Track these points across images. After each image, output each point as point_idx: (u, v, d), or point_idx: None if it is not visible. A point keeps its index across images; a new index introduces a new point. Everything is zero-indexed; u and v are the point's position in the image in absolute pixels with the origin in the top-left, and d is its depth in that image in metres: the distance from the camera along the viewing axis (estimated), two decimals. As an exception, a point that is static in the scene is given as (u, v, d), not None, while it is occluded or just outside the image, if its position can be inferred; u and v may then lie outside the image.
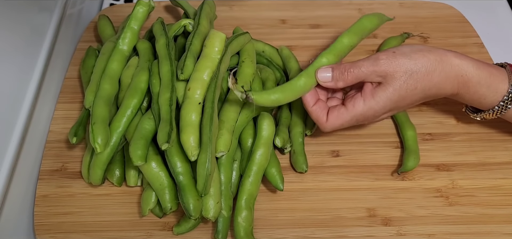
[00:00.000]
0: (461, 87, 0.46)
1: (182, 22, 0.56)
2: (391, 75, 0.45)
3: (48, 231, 0.48)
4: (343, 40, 0.49)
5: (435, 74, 0.45)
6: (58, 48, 0.60)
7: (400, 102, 0.46)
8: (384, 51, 0.47)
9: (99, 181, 0.49)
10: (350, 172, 0.53)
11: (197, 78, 0.48)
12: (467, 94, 0.47)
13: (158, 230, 0.48)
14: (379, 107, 0.46)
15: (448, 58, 0.46)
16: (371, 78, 0.46)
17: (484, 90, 0.46)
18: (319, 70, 0.47)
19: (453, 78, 0.46)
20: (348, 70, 0.46)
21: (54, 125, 0.56)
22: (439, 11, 0.70)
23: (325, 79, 0.47)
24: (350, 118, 0.47)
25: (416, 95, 0.46)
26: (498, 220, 0.49)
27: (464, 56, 0.47)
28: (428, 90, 0.46)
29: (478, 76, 0.46)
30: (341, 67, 0.47)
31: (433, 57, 0.45)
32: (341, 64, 0.47)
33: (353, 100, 0.47)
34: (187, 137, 0.44)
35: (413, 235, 0.48)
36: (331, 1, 0.72)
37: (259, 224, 0.48)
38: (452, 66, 0.46)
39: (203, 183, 0.43)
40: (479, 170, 0.53)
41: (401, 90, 0.45)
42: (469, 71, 0.46)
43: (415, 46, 0.47)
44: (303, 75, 0.47)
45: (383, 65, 0.45)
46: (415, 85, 0.45)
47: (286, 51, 0.60)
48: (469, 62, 0.46)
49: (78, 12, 0.69)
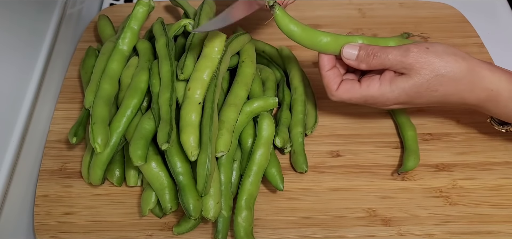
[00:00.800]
0: (489, 101, 0.45)
1: (182, 22, 0.56)
2: (416, 70, 0.44)
3: (48, 231, 0.48)
4: (389, 42, 0.48)
5: (461, 82, 0.44)
6: (58, 48, 0.60)
7: (415, 98, 0.45)
8: (416, 44, 0.45)
9: (99, 181, 0.49)
10: (350, 172, 0.53)
11: (197, 78, 0.48)
12: (495, 108, 0.46)
13: (158, 230, 0.48)
14: (393, 96, 0.45)
15: (480, 69, 0.44)
16: (396, 68, 0.45)
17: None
18: (347, 45, 0.46)
19: (480, 91, 0.44)
20: (375, 54, 0.45)
21: (54, 125, 0.56)
22: (439, 11, 0.70)
23: (350, 56, 0.46)
24: (360, 97, 0.46)
25: (435, 97, 0.45)
26: (498, 220, 0.49)
27: (500, 69, 0.45)
28: (449, 96, 0.45)
29: (510, 91, 0.44)
30: (369, 49, 0.45)
31: (465, 64, 0.44)
32: (369, 46, 0.46)
33: (369, 80, 0.46)
34: (187, 137, 0.44)
35: (413, 235, 0.48)
36: (331, 1, 0.72)
37: (259, 224, 0.48)
38: (483, 78, 0.44)
39: (203, 183, 0.43)
40: (479, 170, 0.53)
41: (421, 88, 0.44)
42: (501, 86, 0.44)
43: (450, 48, 0.45)
44: (329, 36, 0.46)
45: (411, 58, 0.44)
46: (437, 87, 0.44)
47: (286, 51, 0.60)
48: (503, 75, 0.44)
49: (78, 12, 0.69)
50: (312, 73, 0.61)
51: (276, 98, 0.52)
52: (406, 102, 0.47)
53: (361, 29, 0.67)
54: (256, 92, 0.54)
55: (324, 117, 0.57)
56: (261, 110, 0.51)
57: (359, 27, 0.68)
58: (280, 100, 0.56)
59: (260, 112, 0.51)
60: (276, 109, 0.57)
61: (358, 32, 0.67)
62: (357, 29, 0.67)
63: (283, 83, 0.58)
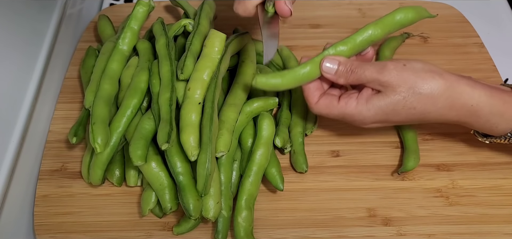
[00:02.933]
0: (469, 116, 0.44)
1: (182, 22, 0.56)
2: (393, 88, 0.43)
3: (48, 231, 0.48)
4: (367, 31, 0.46)
5: (439, 99, 0.43)
6: (58, 48, 0.60)
7: (393, 116, 0.45)
8: (394, 61, 0.44)
9: (99, 181, 0.49)
10: (350, 172, 0.53)
11: (197, 78, 0.48)
12: (477, 123, 0.45)
13: (158, 230, 0.48)
14: (370, 115, 0.45)
15: (458, 85, 0.43)
16: (373, 85, 0.45)
17: (496, 119, 0.44)
18: (327, 59, 0.45)
19: (460, 107, 0.44)
20: (353, 70, 0.45)
21: (54, 125, 0.56)
22: (439, 11, 0.70)
23: (329, 70, 0.45)
24: (338, 113, 0.46)
25: (413, 115, 0.44)
26: (498, 220, 0.49)
27: (478, 84, 0.44)
28: (428, 114, 0.44)
29: (490, 106, 0.43)
30: (348, 64, 0.45)
31: (443, 82, 0.43)
32: (348, 61, 0.45)
33: (347, 97, 0.46)
34: (187, 137, 0.44)
35: (413, 235, 0.48)
36: (331, 1, 0.72)
37: (259, 224, 0.48)
38: (461, 94, 0.43)
39: (203, 183, 0.43)
40: (479, 170, 0.53)
41: (397, 105, 0.44)
42: (481, 101, 0.43)
43: (428, 65, 0.44)
44: (308, 64, 0.46)
45: (387, 76, 0.43)
46: (414, 105, 0.43)
47: (286, 51, 0.60)
48: (482, 90, 0.44)
49: (78, 12, 0.69)
50: (312, 73, 0.61)
51: (276, 98, 0.52)
52: (384, 121, 0.46)
53: (361, 29, 0.67)
54: (256, 93, 0.54)
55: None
56: (261, 110, 0.51)
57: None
58: (280, 100, 0.56)
59: (260, 112, 0.51)
60: (276, 109, 0.57)
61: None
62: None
63: (283, 83, 0.58)
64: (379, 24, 0.46)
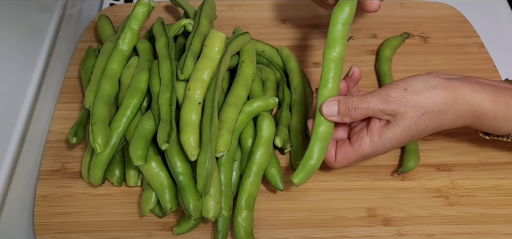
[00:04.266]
0: (475, 120, 0.45)
1: (182, 22, 0.56)
2: (401, 115, 0.43)
3: (48, 231, 0.48)
4: (330, 55, 0.43)
5: (448, 113, 0.43)
6: (58, 48, 0.60)
7: (409, 139, 0.45)
8: (394, 87, 0.44)
9: (99, 181, 0.49)
10: (350, 172, 0.53)
11: (197, 78, 0.48)
12: (481, 126, 0.46)
13: (158, 230, 0.48)
14: (387, 147, 0.45)
15: (462, 95, 0.43)
16: (380, 116, 0.44)
17: (499, 123, 0.45)
18: (325, 103, 0.44)
19: (466, 114, 0.44)
20: (355, 106, 0.44)
21: (54, 125, 0.56)
22: (439, 11, 0.70)
23: (331, 113, 0.44)
24: (358, 158, 0.46)
25: (427, 131, 0.45)
26: (498, 220, 0.49)
27: (482, 88, 0.44)
28: (440, 128, 0.45)
29: (494, 110, 0.44)
30: (348, 101, 0.44)
31: (447, 95, 0.43)
32: (348, 98, 0.44)
33: (359, 139, 0.45)
34: (187, 137, 0.44)
35: (413, 235, 0.48)
36: (331, 1, 0.72)
37: (259, 224, 0.48)
38: (467, 103, 0.43)
39: (203, 183, 0.43)
40: (479, 170, 0.53)
41: (410, 131, 0.44)
42: (485, 106, 0.44)
43: (428, 81, 0.44)
44: (318, 140, 0.44)
45: (393, 104, 0.43)
46: (426, 124, 0.44)
47: (286, 51, 0.60)
48: (486, 95, 0.44)
49: (78, 12, 0.69)
50: (312, 73, 0.61)
51: (276, 98, 0.52)
52: (401, 145, 0.47)
53: (361, 29, 0.67)
54: (256, 92, 0.54)
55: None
56: (261, 110, 0.51)
57: (359, 27, 0.68)
58: (280, 100, 0.56)
59: (260, 112, 0.51)
60: (276, 109, 0.57)
61: (358, 33, 0.67)
62: (357, 29, 0.67)
63: (283, 83, 0.58)
64: (334, 41, 0.44)
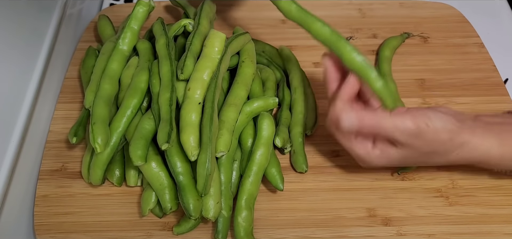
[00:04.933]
0: (481, 162, 0.46)
1: (182, 22, 0.56)
2: (409, 146, 0.43)
3: (48, 231, 0.48)
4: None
5: (452, 153, 0.44)
6: (58, 48, 0.60)
7: (400, 163, 0.45)
8: (417, 118, 0.42)
9: (99, 181, 0.49)
10: (350, 172, 0.53)
11: (197, 78, 0.48)
12: (487, 166, 0.47)
13: (158, 230, 0.48)
14: (377, 163, 0.45)
15: (471, 140, 0.43)
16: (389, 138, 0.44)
17: (506, 163, 0.46)
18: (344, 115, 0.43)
19: (472, 158, 0.45)
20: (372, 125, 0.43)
21: (54, 125, 0.56)
22: (439, 11, 0.70)
23: (350, 126, 0.43)
24: (370, 128, 0.44)
25: (420, 161, 0.46)
26: (498, 220, 0.49)
27: (490, 132, 0.44)
28: (435, 163, 0.46)
29: (501, 154, 0.44)
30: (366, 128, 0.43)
31: (459, 141, 0.43)
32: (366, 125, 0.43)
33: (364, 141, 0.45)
34: (187, 137, 0.44)
35: (413, 235, 0.48)
36: (331, 1, 0.72)
37: (259, 224, 0.48)
38: (474, 150, 0.44)
39: (203, 183, 0.43)
40: (479, 169, 0.52)
41: (409, 158, 0.45)
42: (493, 151, 0.44)
43: (449, 123, 0.42)
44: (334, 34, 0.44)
45: (412, 140, 0.42)
46: (425, 160, 0.45)
47: (286, 51, 0.60)
48: (494, 141, 0.44)
49: (78, 12, 0.69)
50: (312, 73, 0.61)
51: (276, 98, 0.52)
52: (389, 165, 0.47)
53: (361, 29, 0.67)
54: (256, 92, 0.54)
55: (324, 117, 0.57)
56: (261, 110, 0.51)
57: (359, 27, 0.68)
58: (280, 100, 0.56)
59: (260, 112, 0.51)
60: (276, 109, 0.57)
61: (358, 32, 0.67)
62: (357, 29, 0.67)
63: (283, 83, 0.58)
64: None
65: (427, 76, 0.61)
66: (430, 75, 0.62)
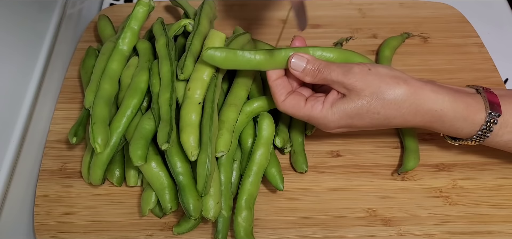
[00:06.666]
0: (434, 121, 0.45)
1: (182, 22, 0.56)
2: (357, 92, 0.43)
3: (48, 231, 0.48)
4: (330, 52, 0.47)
5: (403, 105, 0.43)
6: (58, 48, 0.60)
7: (357, 120, 0.45)
8: (360, 64, 0.45)
9: (99, 181, 0.49)
10: (350, 172, 0.53)
11: (197, 78, 0.48)
12: (441, 128, 0.46)
13: (158, 230, 0.48)
14: (334, 119, 0.45)
15: (423, 92, 0.43)
16: (337, 87, 0.44)
17: (460, 123, 0.44)
18: (296, 55, 0.45)
19: (424, 113, 0.44)
20: (320, 69, 0.45)
21: (54, 125, 0.56)
22: (439, 11, 0.70)
23: (297, 67, 0.45)
24: (303, 115, 0.46)
25: (377, 119, 0.44)
26: (498, 220, 0.49)
27: (442, 88, 0.44)
28: (392, 119, 0.44)
29: (454, 110, 0.44)
30: (315, 63, 0.45)
31: (407, 88, 0.43)
32: (316, 60, 0.45)
33: (314, 100, 0.46)
34: (187, 137, 0.44)
35: (413, 235, 0.48)
36: (331, 1, 0.72)
37: (259, 224, 0.48)
38: (426, 100, 0.43)
39: (203, 183, 0.43)
40: (479, 170, 0.53)
41: (361, 110, 0.44)
42: (445, 106, 0.44)
43: (393, 71, 0.44)
44: (262, 53, 0.46)
45: (351, 79, 0.43)
46: (378, 110, 0.43)
47: (286, 51, 0.60)
48: (446, 95, 0.44)
49: (78, 12, 0.69)
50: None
51: (276, 98, 0.52)
52: (348, 125, 0.46)
53: (361, 29, 0.67)
54: (256, 92, 0.54)
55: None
56: (261, 110, 0.51)
57: (359, 27, 0.68)
58: (280, 100, 0.56)
59: (260, 112, 0.51)
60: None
61: (358, 32, 0.67)
62: (357, 29, 0.67)
63: (283, 83, 0.58)
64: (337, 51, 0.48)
65: (427, 76, 0.61)
66: (430, 75, 0.62)
